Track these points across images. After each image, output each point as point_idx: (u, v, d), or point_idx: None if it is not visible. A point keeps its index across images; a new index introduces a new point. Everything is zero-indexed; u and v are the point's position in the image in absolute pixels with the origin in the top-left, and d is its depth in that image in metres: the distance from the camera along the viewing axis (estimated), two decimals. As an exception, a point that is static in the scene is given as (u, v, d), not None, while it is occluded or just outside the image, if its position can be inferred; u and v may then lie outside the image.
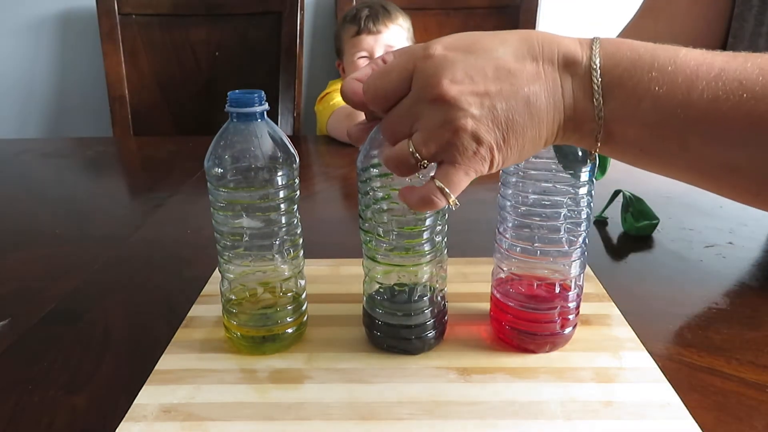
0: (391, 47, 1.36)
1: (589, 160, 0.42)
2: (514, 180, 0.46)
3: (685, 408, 0.41)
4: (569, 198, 0.44)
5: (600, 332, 0.51)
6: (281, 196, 0.46)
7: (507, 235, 0.47)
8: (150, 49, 1.61)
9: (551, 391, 0.43)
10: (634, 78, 0.35)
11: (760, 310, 0.55)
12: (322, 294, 0.56)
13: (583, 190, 0.44)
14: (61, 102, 1.84)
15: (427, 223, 0.45)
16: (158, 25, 1.60)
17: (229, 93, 0.44)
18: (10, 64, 1.79)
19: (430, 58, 0.36)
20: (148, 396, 0.44)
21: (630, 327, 0.51)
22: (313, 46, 1.75)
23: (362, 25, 1.36)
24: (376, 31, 1.36)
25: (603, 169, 0.61)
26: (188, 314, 0.55)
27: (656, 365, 0.46)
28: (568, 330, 0.48)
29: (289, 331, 0.49)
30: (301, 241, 0.50)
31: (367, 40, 1.36)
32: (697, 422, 0.40)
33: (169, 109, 1.64)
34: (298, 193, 0.48)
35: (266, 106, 0.45)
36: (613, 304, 0.55)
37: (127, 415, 0.42)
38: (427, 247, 0.46)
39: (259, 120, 0.45)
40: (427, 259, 0.46)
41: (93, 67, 1.74)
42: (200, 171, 1.01)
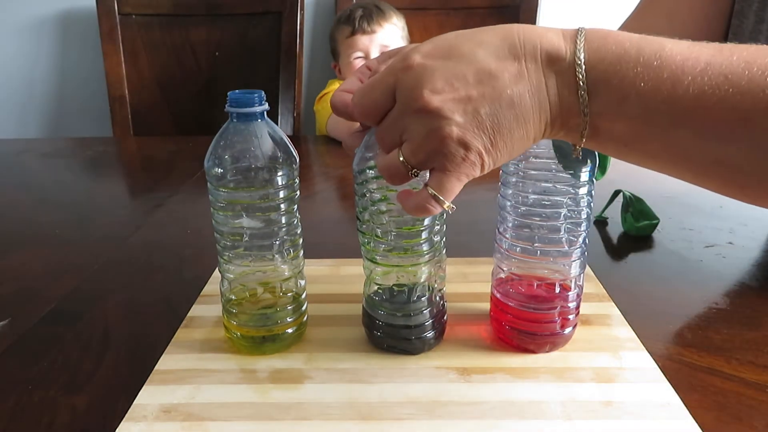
0: (386, 47, 1.36)
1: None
2: (514, 180, 0.46)
3: (685, 408, 0.41)
4: (569, 198, 0.44)
5: (600, 332, 0.51)
6: (281, 196, 0.46)
7: (507, 235, 0.47)
8: (150, 49, 1.61)
9: (551, 391, 0.43)
10: (620, 74, 0.35)
11: (760, 310, 0.55)
12: (322, 294, 0.56)
13: (583, 190, 0.44)
14: (61, 102, 1.84)
15: (426, 223, 0.45)
16: (158, 25, 1.60)
17: (229, 93, 0.44)
18: (11, 64, 1.79)
19: (410, 69, 0.36)
20: (148, 396, 0.44)
21: (630, 327, 0.51)
22: (313, 46, 1.75)
23: (356, 25, 1.35)
24: (371, 31, 1.36)
25: (603, 169, 0.61)
26: (188, 314, 0.55)
27: (656, 365, 0.46)
28: (568, 330, 0.48)
29: (289, 331, 0.49)
30: (301, 241, 0.50)
31: (362, 41, 1.36)
32: (697, 422, 0.40)
33: (169, 109, 1.64)
34: (298, 193, 0.48)
35: (266, 106, 0.45)
36: (613, 304, 0.55)
37: (127, 415, 0.42)
38: (425, 247, 0.46)
39: (259, 120, 0.45)
40: (426, 259, 0.46)
41: (93, 67, 1.74)
42: (200, 171, 1.01)
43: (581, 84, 0.35)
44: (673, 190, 0.83)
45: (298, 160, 0.47)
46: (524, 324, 0.47)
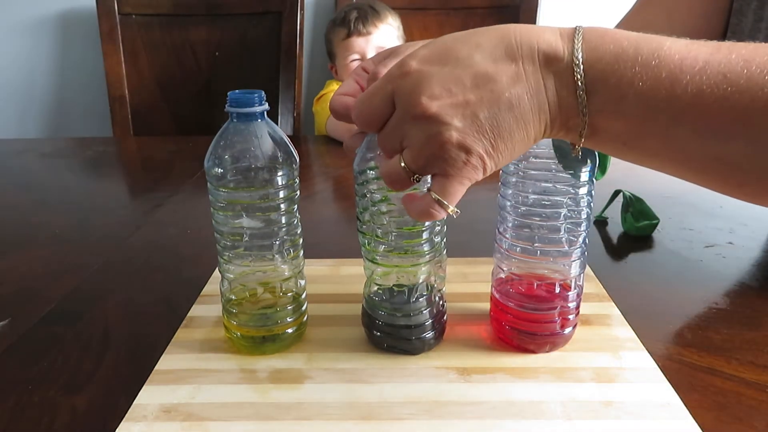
0: (382, 48, 1.35)
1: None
2: (514, 180, 0.46)
3: (685, 408, 0.41)
4: (569, 198, 0.44)
5: (600, 332, 0.51)
6: (281, 196, 0.46)
7: (507, 235, 0.47)
8: (150, 49, 1.61)
9: (551, 391, 0.43)
10: (618, 73, 0.35)
11: (760, 310, 0.55)
12: (322, 294, 0.56)
13: (583, 190, 0.44)
14: (61, 102, 1.84)
15: (426, 223, 0.45)
16: (158, 25, 1.60)
17: (229, 93, 0.44)
18: (11, 64, 1.79)
19: (407, 76, 0.36)
20: (148, 396, 0.44)
21: (630, 327, 0.51)
22: (313, 46, 1.75)
23: (352, 27, 1.35)
24: (366, 33, 1.35)
25: (603, 169, 0.61)
26: (188, 314, 0.55)
27: (656, 365, 0.46)
28: (568, 330, 0.48)
29: (289, 331, 0.49)
30: (301, 241, 0.50)
31: (358, 42, 1.35)
32: (697, 422, 0.40)
33: (169, 109, 1.64)
34: (298, 193, 0.48)
35: (266, 106, 0.45)
36: (613, 304, 0.55)
37: (127, 415, 0.42)
38: (426, 248, 0.46)
39: (259, 120, 0.45)
40: (427, 260, 0.46)
41: (93, 67, 1.74)
42: (200, 171, 1.01)
43: (579, 84, 0.35)
44: (673, 190, 0.83)
45: (298, 160, 0.47)
46: (524, 324, 0.47)
